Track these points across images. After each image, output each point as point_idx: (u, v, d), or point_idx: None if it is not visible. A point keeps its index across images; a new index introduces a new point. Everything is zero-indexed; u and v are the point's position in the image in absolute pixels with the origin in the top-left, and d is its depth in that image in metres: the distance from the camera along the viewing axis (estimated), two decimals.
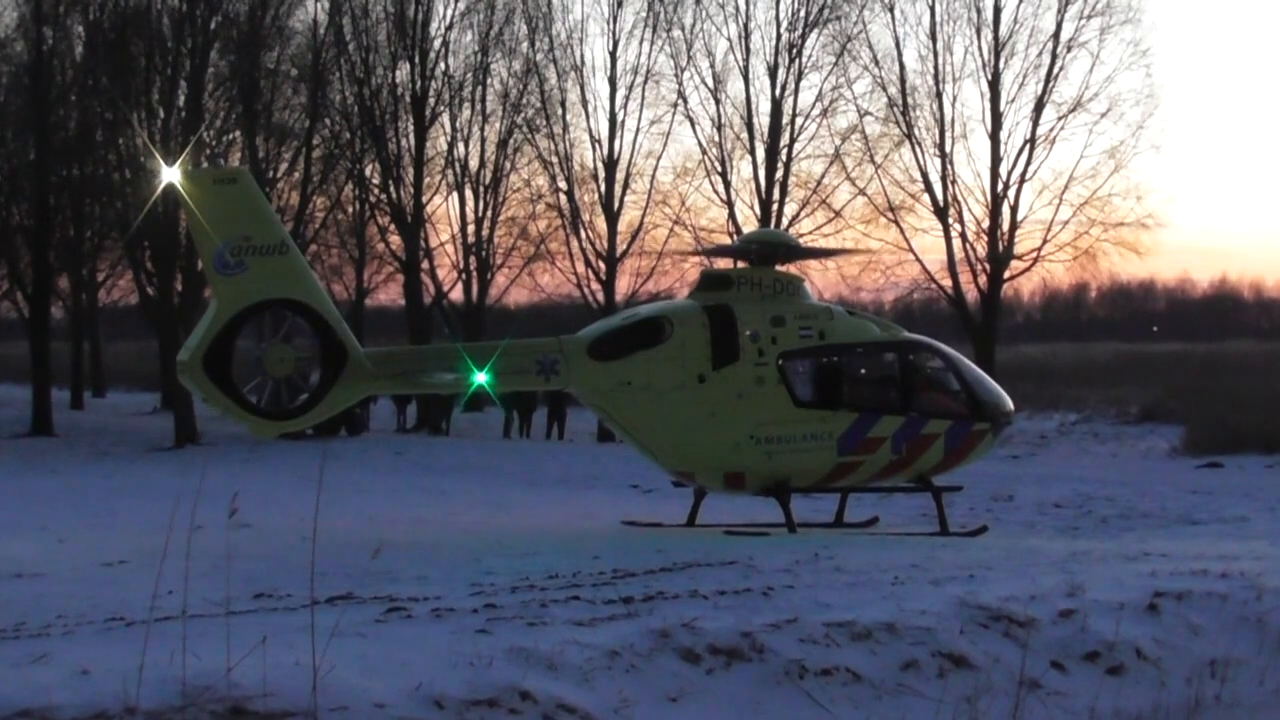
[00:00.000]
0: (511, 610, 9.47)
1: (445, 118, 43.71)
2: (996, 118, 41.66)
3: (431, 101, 42.84)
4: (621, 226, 43.27)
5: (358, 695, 6.98)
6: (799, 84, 42.14)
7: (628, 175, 43.09)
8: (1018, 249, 42.27)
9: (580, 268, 43.39)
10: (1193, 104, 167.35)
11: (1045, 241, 42.17)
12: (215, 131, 39.48)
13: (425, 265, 43.86)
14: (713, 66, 42.62)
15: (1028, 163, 41.74)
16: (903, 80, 41.70)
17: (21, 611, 10.41)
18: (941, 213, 41.72)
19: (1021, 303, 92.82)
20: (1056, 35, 41.37)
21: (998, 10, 41.61)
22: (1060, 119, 41.67)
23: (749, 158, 42.62)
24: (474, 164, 44.15)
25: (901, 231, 42.15)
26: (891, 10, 41.71)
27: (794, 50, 41.97)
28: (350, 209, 45.79)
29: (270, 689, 6.78)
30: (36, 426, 40.20)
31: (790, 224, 41.60)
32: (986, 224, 41.84)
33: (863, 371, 18.68)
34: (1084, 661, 9.39)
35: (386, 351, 18.72)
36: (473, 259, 44.46)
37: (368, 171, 43.71)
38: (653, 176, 43.45)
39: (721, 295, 17.82)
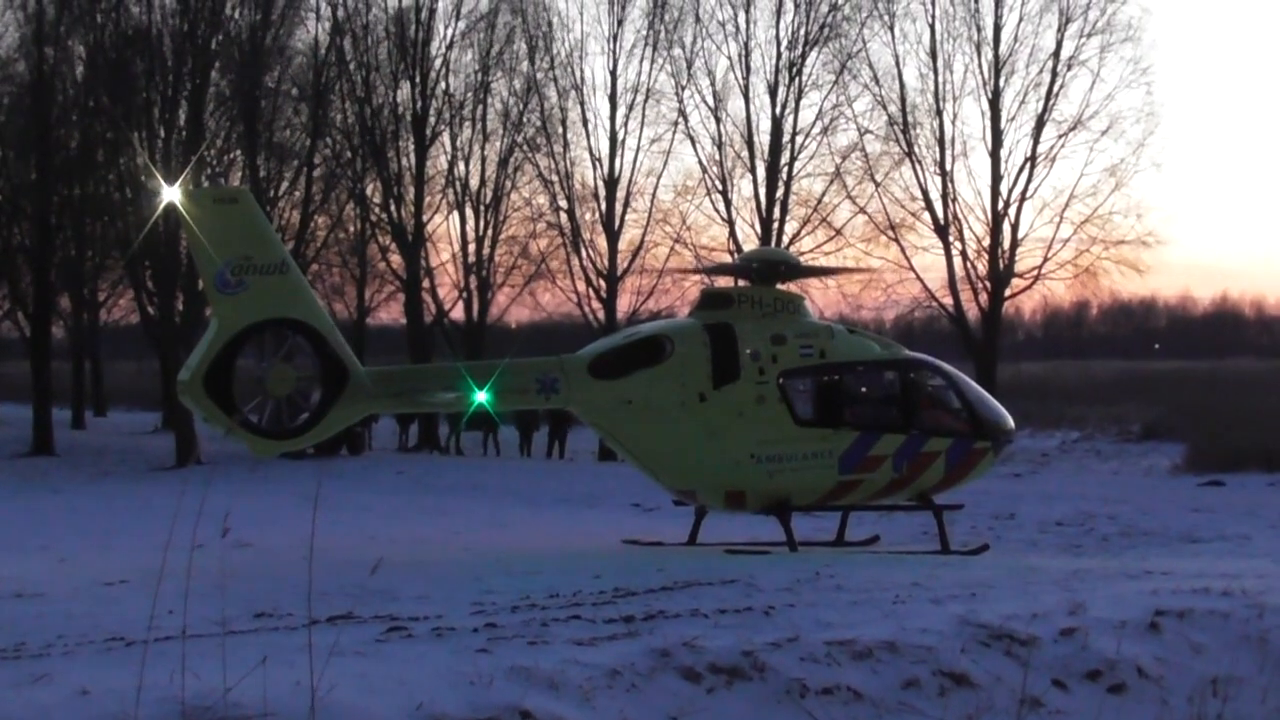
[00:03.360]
0: (512, 629, 9.46)
1: (446, 137, 43.90)
2: (997, 136, 41.76)
3: (432, 120, 42.96)
4: (622, 245, 43.42)
5: (358, 715, 6.97)
6: (799, 102, 42.33)
7: (628, 193, 43.20)
8: (1018, 267, 42.40)
9: (581, 286, 43.54)
10: (1194, 121, 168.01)
11: (1046, 259, 42.36)
12: (216, 151, 39.56)
13: (426, 284, 43.94)
14: (713, 85, 42.83)
15: (1028, 181, 41.94)
16: (903, 98, 41.86)
17: (22, 631, 10.40)
18: (942, 231, 41.78)
19: (1022, 320, 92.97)
20: (1057, 53, 41.54)
21: (998, 28, 41.77)
22: (1061, 137, 41.86)
23: (749, 176, 42.80)
24: (475, 183, 44.33)
25: (902, 249, 42.34)
26: (891, 29, 41.93)
27: (794, 69, 42.09)
28: (351, 228, 45.88)
29: (270, 709, 6.77)
30: (37, 446, 40.23)
31: (791, 242, 41.67)
32: (987, 242, 41.94)
33: (864, 390, 18.66)
34: (1085, 680, 9.36)
35: (387, 370, 18.73)
36: (473, 278, 44.54)
37: (369, 190, 43.84)
38: (653, 195, 43.66)
39: (722, 314, 17.81)
